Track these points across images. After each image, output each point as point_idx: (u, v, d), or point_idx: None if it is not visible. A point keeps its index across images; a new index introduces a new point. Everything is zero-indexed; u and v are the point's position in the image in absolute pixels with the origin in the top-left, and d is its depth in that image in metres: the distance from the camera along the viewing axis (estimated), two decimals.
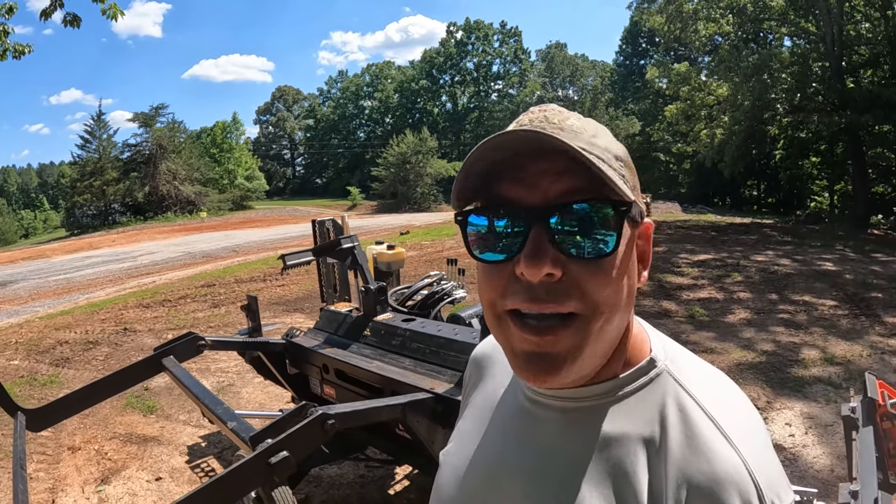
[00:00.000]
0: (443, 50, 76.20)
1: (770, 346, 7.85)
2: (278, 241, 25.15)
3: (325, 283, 5.62)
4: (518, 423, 1.01)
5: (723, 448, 0.82)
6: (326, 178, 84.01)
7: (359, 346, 4.04)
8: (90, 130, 56.25)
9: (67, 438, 5.96)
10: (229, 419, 2.80)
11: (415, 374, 3.44)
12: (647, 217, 0.93)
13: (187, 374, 3.49)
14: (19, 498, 2.48)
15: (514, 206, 0.84)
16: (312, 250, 4.92)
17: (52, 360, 8.77)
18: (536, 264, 0.80)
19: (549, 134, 0.79)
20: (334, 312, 4.63)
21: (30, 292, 16.85)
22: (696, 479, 0.81)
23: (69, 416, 3.68)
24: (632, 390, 0.92)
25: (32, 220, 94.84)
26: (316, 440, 2.59)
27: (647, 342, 0.97)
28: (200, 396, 3.15)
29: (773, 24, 27.39)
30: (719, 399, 0.90)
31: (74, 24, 7.14)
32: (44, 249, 34.03)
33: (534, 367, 0.84)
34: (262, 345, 4.42)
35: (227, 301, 12.25)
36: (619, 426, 0.89)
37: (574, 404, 0.93)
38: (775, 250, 16.65)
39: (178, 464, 5.38)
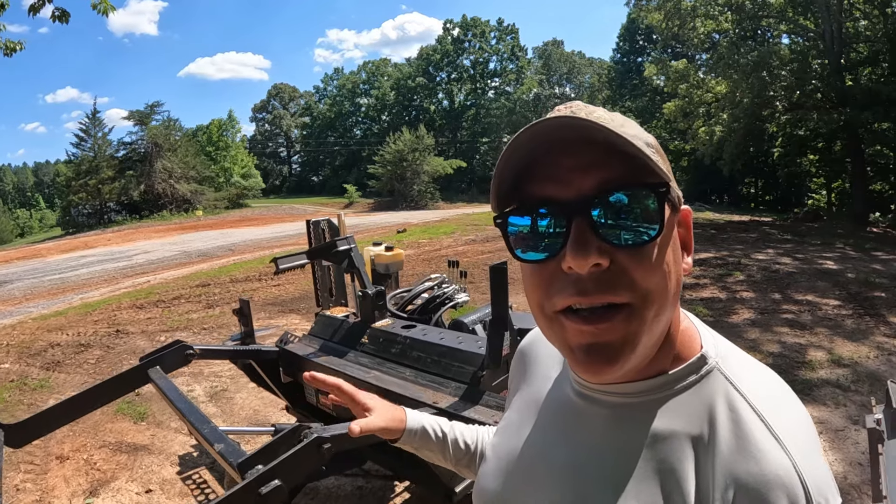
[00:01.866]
0: (439, 47, 75.95)
1: (776, 346, 7.74)
2: (274, 240, 25.08)
3: (321, 286, 5.38)
4: (565, 417, 1.01)
5: (773, 449, 0.80)
6: (323, 176, 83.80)
7: (356, 355, 3.85)
8: (85, 129, 55.98)
9: (56, 447, 5.80)
10: (216, 441, 2.60)
11: (416, 386, 3.26)
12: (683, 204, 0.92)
13: (173, 388, 3.30)
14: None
15: (552, 204, 0.84)
16: (307, 253, 4.70)
17: (43, 364, 8.65)
18: (583, 255, 0.79)
19: (583, 118, 0.79)
20: (330, 318, 4.43)
21: (24, 293, 16.73)
22: (745, 480, 0.79)
23: (51, 430, 3.51)
24: (682, 387, 0.90)
25: (28, 220, 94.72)
26: (311, 465, 2.38)
27: (698, 338, 0.95)
28: (186, 413, 2.96)
29: (772, 22, 27.35)
30: (771, 399, 0.88)
31: (63, 20, 7.02)
32: (39, 249, 33.93)
33: (593, 359, 0.84)
34: (254, 353, 4.22)
35: (222, 301, 12.16)
36: (668, 423, 0.88)
37: (623, 399, 0.92)
38: (776, 248, 16.61)
39: (169, 475, 5.21)
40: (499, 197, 0.89)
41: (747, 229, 22.65)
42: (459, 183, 64.17)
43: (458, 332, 3.69)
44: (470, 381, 3.15)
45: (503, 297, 3.06)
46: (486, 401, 2.99)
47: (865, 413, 3.29)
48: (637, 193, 0.82)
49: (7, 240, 70.75)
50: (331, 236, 5.00)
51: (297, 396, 4.31)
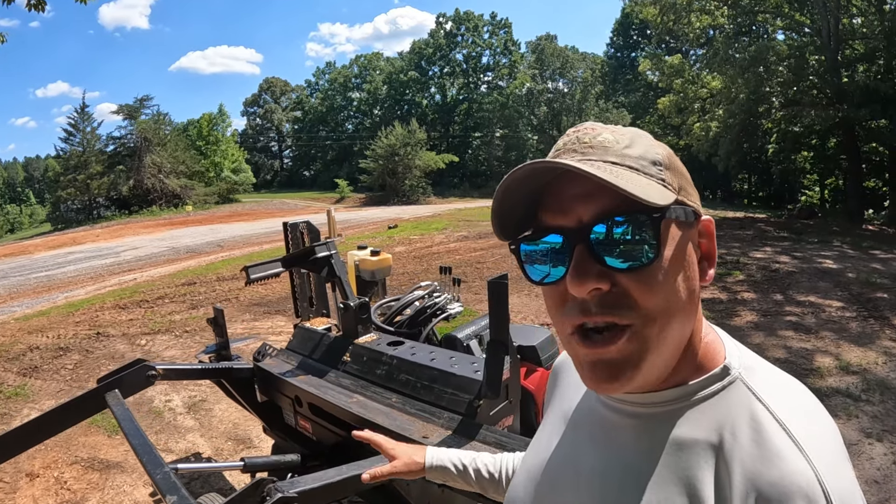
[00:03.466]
0: (432, 41, 75.94)
1: (781, 352, 7.59)
2: (264, 236, 24.97)
3: (300, 295, 4.85)
4: (592, 428, 1.03)
5: (794, 457, 0.80)
6: (314, 171, 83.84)
7: (337, 375, 3.43)
8: (74, 123, 55.69)
9: (27, 463, 5.52)
10: (169, 492, 2.20)
11: (404, 416, 2.86)
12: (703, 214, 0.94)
13: (129, 418, 2.91)
14: None
15: (556, 231, 0.88)
16: (282, 260, 4.23)
17: (20, 369, 8.40)
18: (581, 281, 0.84)
19: (565, 163, 0.83)
20: (310, 331, 4.01)
21: (9, 291, 16.52)
22: (765, 489, 0.79)
23: (4, 460, 3.17)
24: (704, 396, 0.91)
25: (18, 215, 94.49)
26: None
27: (722, 350, 0.97)
28: (140, 452, 2.58)
29: (768, 17, 27.36)
30: (794, 408, 0.88)
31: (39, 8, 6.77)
32: (26, 245, 33.74)
33: (596, 375, 0.87)
34: (226, 371, 3.80)
35: (207, 301, 11.93)
36: (690, 432, 0.89)
37: (645, 410, 0.94)
38: (773, 246, 16.64)
39: (142, 497, 4.93)
40: (504, 227, 0.94)
41: (743, 226, 22.71)
42: (451, 178, 64.20)
43: (451, 352, 3.29)
44: (465, 412, 2.75)
45: (503, 315, 2.67)
46: (483, 436, 2.56)
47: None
48: (633, 219, 0.84)
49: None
50: (310, 240, 4.53)
51: (275, 417, 3.92)
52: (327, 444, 3.40)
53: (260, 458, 3.22)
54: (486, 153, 68.81)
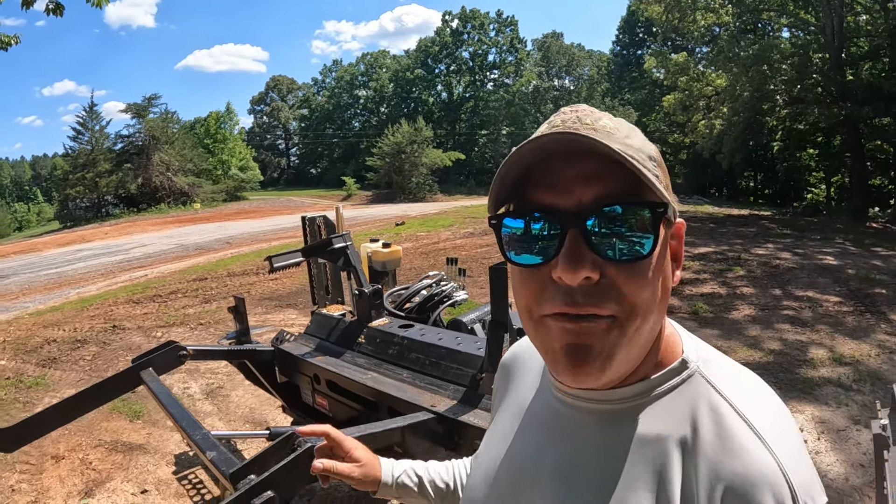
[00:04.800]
0: (438, 39, 75.89)
1: (777, 344, 7.71)
2: (272, 233, 25.10)
3: (317, 284, 5.28)
4: (549, 425, 1.01)
5: (757, 449, 0.81)
6: (321, 168, 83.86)
7: (352, 355, 3.79)
8: (82, 122, 55.94)
9: (51, 446, 5.74)
10: (209, 448, 2.52)
11: (413, 389, 3.20)
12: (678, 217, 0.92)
13: (165, 391, 3.23)
14: None
15: (550, 211, 0.84)
16: (302, 251, 4.60)
17: (39, 361, 8.61)
18: (575, 268, 0.80)
19: (584, 135, 0.79)
20: (326, 317, 4.36)
21: (21, 287, 16.69)
22: (730, 480, 0.80)
23: (42, 434, 3.45)
24: (664, 391, 0.91)
25: (26, 213, 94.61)
26: (305, 476, 2.31)
27: (680, 344, 0.97)
28: (178, 418, 2.89)
29: (773, 15, 27.29)
30: (753, 400, 0.89)
31: (57, 13, 6.94)
32: (35, 243, 33.90)
33: (573, 359, 0.84)
34: (249, 353, 4.14)
35: (219, 296, 12.12)
36: (651, 427, 0.89)
37: (606, 406, 0.93)
38: (775, 243, 16.63)
39: (165, 475, 5.17)
40: (497, 198, 0.89)
41: (746, 223, 22.67)
42: (458, 175, 64.25)
43: (456, 333, 3.62)
44: (469, 385, 3.09)
45: (503, 298, 2.99)
46: (485, 404, 2.93)
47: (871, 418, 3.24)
48: (634, 210, 0.82)
49: (5, 234, 70.73)
50: (326, 232, 4.91)
51: (294, 396, 4.24)
52: (343, 419, 3.68)
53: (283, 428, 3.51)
54: (492, 151, 68.77)
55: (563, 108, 0.90)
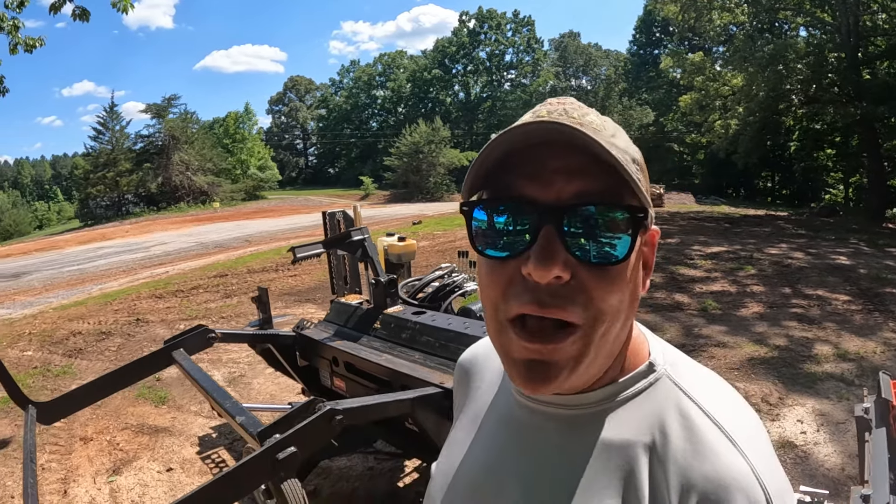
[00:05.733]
0: (455, 39, 76.03)
1: (783, 340, 7.78)
2: (290, 232, 25.25)
3: (336, 274, 5.61)
4: (511, 430, 0.98)
5: (728, 452, 0.80)
6: (339, 168, 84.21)
7: (369, 339, 4.04)
8: (103, 122, 56.63)
9: (80, 429, 6.00)
10: (237, 413, 2.81)
11: (424, 368, 3.43)
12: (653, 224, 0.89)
13: (197, 368, 3.51)
14: (28, 491, 2.51)
15: (526, 203, 0.80)
16: (323, 243, 4.90)
17: (65, 351, 8.83)
18: (546, 265, 0.76)
19: (574, 127, 0.76)
20: (344, 304, 4.63)
21: (43, 283, 16.94)
22: (702, 485, 0.78)
23: (80, 408, 3.72)
24: (631, 395, 0.89)
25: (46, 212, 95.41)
26: (324, 436, 2.60)
27: (646, 347, 0.95)
28: (209, 390, 3.17)
29: (789, 14, 27.15)
30: (721, 403, 0.88)
31: (84, 18, 7.13)
32: (57, 241, 34.23)
33: (532, 375, 0.81)
34: (273, 337, 4.43)
35: (240, 291, 12.32)
36: (619, 432, 0.87)
37: (571, 411, 0.90)
38: (789, 243, 16.55)
39: (189, 455, 5.42)
40: (472, 185, 0.87)
41: (761, 223, 22.54)
42: None
43: (465, 319, 3.86)
44: None
45: None
46: None
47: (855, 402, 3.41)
48: (614, 212, 0.79)
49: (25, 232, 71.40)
50: (345, 227, 5.20)
51: (313, 380, 4.51)
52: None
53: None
54: None
55: (549, 99, 0.88)
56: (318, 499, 4.32)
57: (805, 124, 31.83)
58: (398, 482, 4.70)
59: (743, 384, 6.31)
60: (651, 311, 9.18)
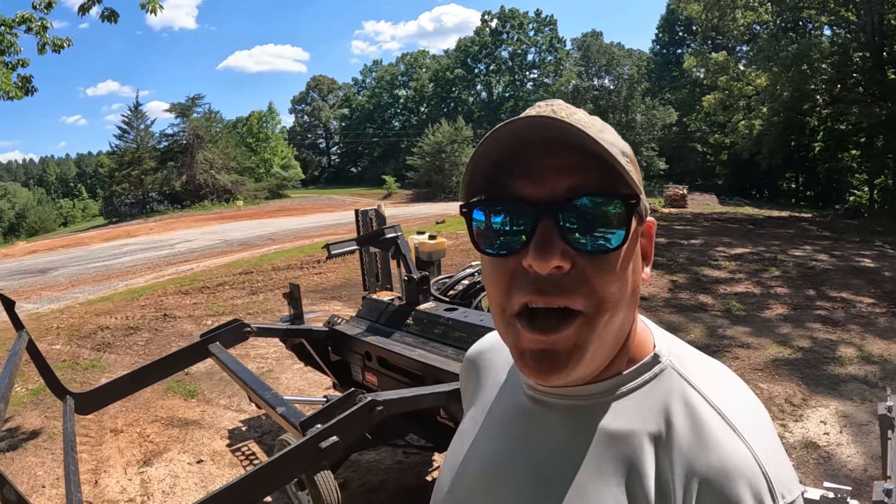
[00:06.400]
0: (477, 39, 76.00)
1: (806, 342, 7.75)
2: (313, 230, 25.31)
3: (368, 271, 5.71)
4: (519, 422, 0.99)
5: (731, 441, 0.82)
6: (361, 167, 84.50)
7: (401, 335, 4.12)
8: (128, 121, 57.35)
9: (110, 421, 6.12)
10: (278, 404, 2.89)
11: (457, 363, 3.46)
12: (650, 216, 0.93)
13: (234, 360, 3.58)
14: (70, 479, 2.55)
15: (522, 200, 0.83)
16: (356, 240, 5.01)
17: (93, 345, 8.98)
18: (546, 256, 0.79)
19: (563, 120, 0.79)
20: (376, 301, 4.71)
21: (69, 279, 17.20)
22: (706, 473, 0.80)
23: (117, 399, 3.82)
24: (636, 385, 0.91)
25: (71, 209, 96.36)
26: (364, 426, 2.67)
27: (651, 339, 0.97)
28: (248, 382, 3.24)
29: (813, 13, 26.91)
30: (726, 393, 0.89)
31: (112, 20, 7.17)
32: (82, 237, 34.71)
33: (540, 365, 0.84)
34: (306, 332, 4.52)
35: (266, 288, 12.43)
36: (625, 422, 0.89)
37: (578, 402, 0.92)
38: (813, 245, 16.43)
39: (219, 447, 5.51)
40: (470, 186, 0.89)
41: (785, 225, 22.36)
42: None
43: None
44: None
45: None
46: None
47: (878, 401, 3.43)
48: (607, 202, 0.82)
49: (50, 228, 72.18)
50: (378, 225, 5.30)
51: (344, 375, 4.60)
52: None
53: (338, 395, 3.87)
54: None
55: (538, 102, 0.90)
56: (347, 491, 4.36)
57: (829, 125, 31.57)
58: (426, 476, 4.76)
59: (767, 385, 6.31)
60: (675, 312, 9.19)
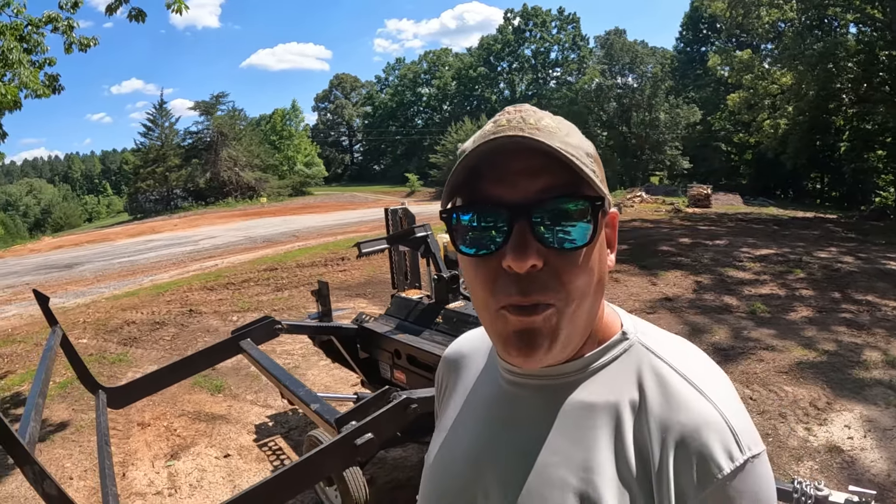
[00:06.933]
0: (500, 37, 75.82)
1: (831, 345, 7.66)
2: (337, 227, 25.47)
3: (397, 270, 5.79)
4: (498, 406, 1.05)
5: (699, 401, 0.89)
6: (384, 165, 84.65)
7: (430, 333, 4.16)
8: (152, 119, 58.05)
9: (137, 415, 6.21)
10: (312, 401, 2.94)
11: None
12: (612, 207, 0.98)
13: (266, 357, 3.64)
14: (105, 472, 2.61)
15: (496, 204, 0.89)
16: (387, 238, 5.08)
17: (119, 340, 9.11)
18: (523, 256, 0.85)
19: (532, 137, 0.85)
20: (405, 299, 4.75)
21: (95, 274, 17.40)
22: (678, 431, 0.87)
23: (149, 393, 3.89)
24: (608, 360, 0.98)
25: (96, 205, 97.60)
26: (398, 423, 2.71)
27: (619, 320, 1.04)
28: (281, 378, 3.30)
29: (838, 11, 26.51)
30: (690, 362, 0.97)
31: (140, 19, 7.21)
32: (107, 233, 35.08)
33: (522, 344, 0.90)
34: (335, 329, 4.60)
35: (290, 285, 12.51)
36: (601, 394, 0.95)
37: (556, 381, 0.98)
38: (838, 247, 16.17)
39: (246, 442, 5.60)
40: (449, 193, 0.94)
41: (810, 226, 22.06)
42: None
43: None
44: None
45: None
46: None
47: None
48: (574, 203, 0.89)
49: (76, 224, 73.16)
50: (407, 223, 5.36)
51: (373, 372, 4.66)
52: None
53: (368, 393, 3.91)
54: None
55: (507, 107, 0.96)
56: (373, 487, 4.38)
57: (855, 124, 31.16)
58: None
59: (791, 388, 6.27)
60: (700, 313, 9.15)
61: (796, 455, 5.01)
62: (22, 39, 6.89)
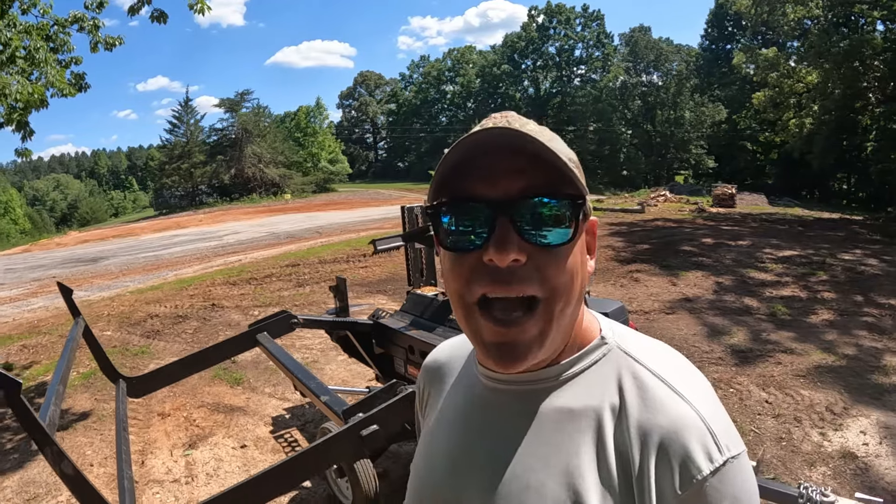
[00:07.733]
0: (524, 34, 75.36)
1: (851, 349, 7.55)
2: (360, 224, 25.45)
3: (413, 267, 5.82)
4: (477, 411, 1.06)
5: (678, 403, 0.90)
6: (408, 162, 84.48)
7: (444, 330, 4.21)
8: (178, 115, 58.56)
9: (157, 405, 6.35)
10: (322, 393, 3.00)
11: None
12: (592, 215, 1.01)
13: (281, 350, 3.70)
14: (122, 458, 2.68)
15: (480, 201, 0.91)
16: (402, 236, 5.13)
17: (143, 332, 9.26)
18: (504, 250, 0.88)
19: (518, 129, 0.89)
20: (421, 296, 4.81)
21: (120, 268, 17.71)
22: (657, 433, 0.88)
23: (167, 384, 3.97)
24: (587, 365, 1.00)
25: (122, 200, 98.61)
26: (405, 416, 2.75)
27: (597, 326, 1.05)
28: (294, 371, 3.36)
29: (865, 8, 26.12)
30: (668, 365, 0.98)
31: (161, 20, 7.29)
32: (133, 228, 35.46)
33: (502, 356, 0.92)
34: (351, 324, 4.66)
35: (312, 281, 12.61)
36: (581, 399, 0.96)
37: (535, 386, 1.00)
38: (863, 249, 15.90)
39: (263, 433, 5.69)
40: (434, 191, 0.97)
41: (835, 227, 21.77)
42: None
43: None
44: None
45: None
46: None
47: None
48: (556, 201, 0.91)
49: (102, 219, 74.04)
50: (423, 221, 5.40)
51: (388, 367, 4.71)
52: None
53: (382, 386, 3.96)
54: (579, 147, 67.77)
55: (492, 114, 0.99)
56: (386, 481, 4.43)
57: (883, 124, 30.60)
58: None
59: (808, 392, 6.20)
60: (720, 315, 9.08)
61: (809, 460, 4.97)
62: (48, 39, 6.99)
